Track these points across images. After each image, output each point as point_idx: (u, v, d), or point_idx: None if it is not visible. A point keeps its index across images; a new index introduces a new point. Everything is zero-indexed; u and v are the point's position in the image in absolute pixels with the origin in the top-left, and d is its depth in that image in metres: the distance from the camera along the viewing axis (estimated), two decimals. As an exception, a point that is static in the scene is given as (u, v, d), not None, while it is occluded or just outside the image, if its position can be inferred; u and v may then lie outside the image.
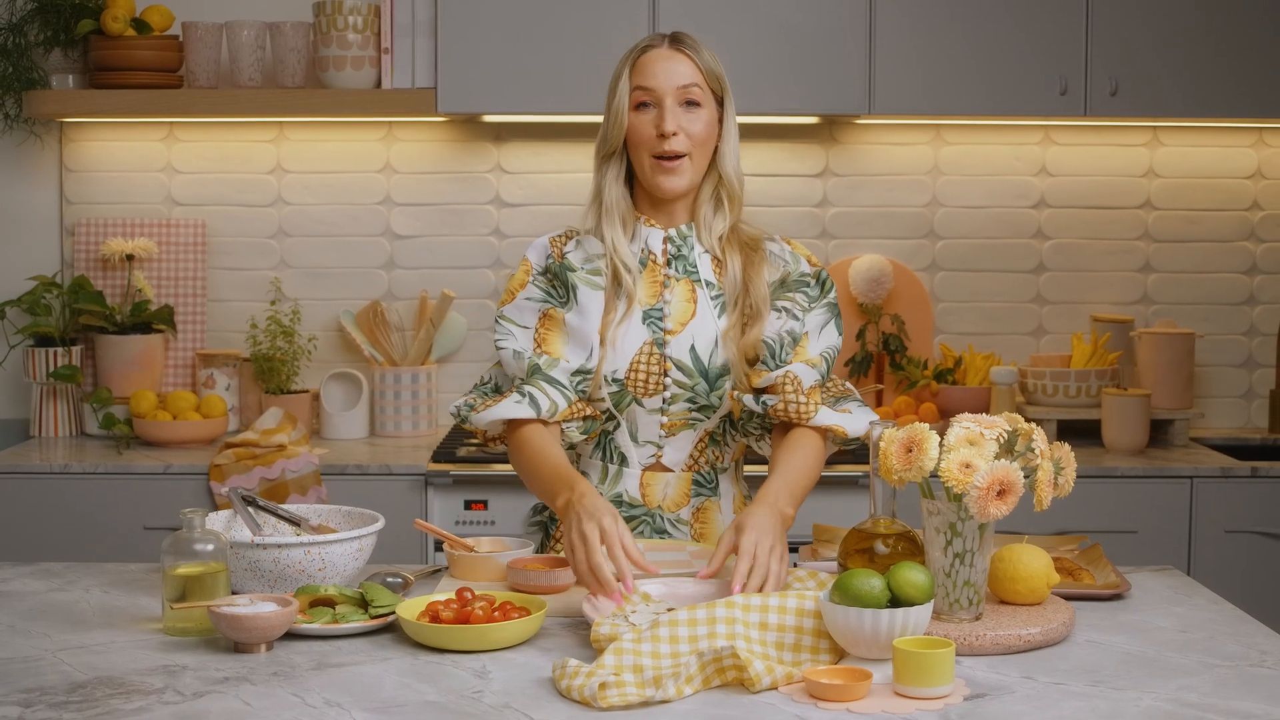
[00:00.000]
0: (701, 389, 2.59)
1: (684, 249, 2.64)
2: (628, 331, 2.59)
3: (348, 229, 4.44)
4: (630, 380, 2.58)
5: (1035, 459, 2.21)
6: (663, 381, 2.59)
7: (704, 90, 2.59)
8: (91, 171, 4.42)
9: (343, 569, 2.39)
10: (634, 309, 2.60)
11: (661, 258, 2.64)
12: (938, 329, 4.49)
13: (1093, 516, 3.84)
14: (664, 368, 2.59)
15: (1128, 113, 4.11)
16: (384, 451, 4.04)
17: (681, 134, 2.56)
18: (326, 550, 2.36)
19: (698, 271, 2.63)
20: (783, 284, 2.64)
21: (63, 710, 1.92)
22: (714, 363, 2.59)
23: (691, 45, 2.62)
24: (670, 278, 2.63)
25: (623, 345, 2.58)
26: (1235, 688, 2.02)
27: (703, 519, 2.68)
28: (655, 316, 2.61)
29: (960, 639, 2.14)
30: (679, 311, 2.61)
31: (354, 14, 4.09)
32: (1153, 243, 4.50)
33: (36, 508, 3.84)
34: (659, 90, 2.57)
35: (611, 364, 2.58)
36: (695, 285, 2.62)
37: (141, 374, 4.24)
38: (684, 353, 2.59)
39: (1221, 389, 4.53)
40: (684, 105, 2.57)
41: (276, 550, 2.34)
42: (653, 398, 2.60)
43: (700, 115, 2.58)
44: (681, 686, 1.96)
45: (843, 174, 4.46)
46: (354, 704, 1.94)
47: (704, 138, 2.59)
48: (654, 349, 2.59)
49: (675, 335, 2.59)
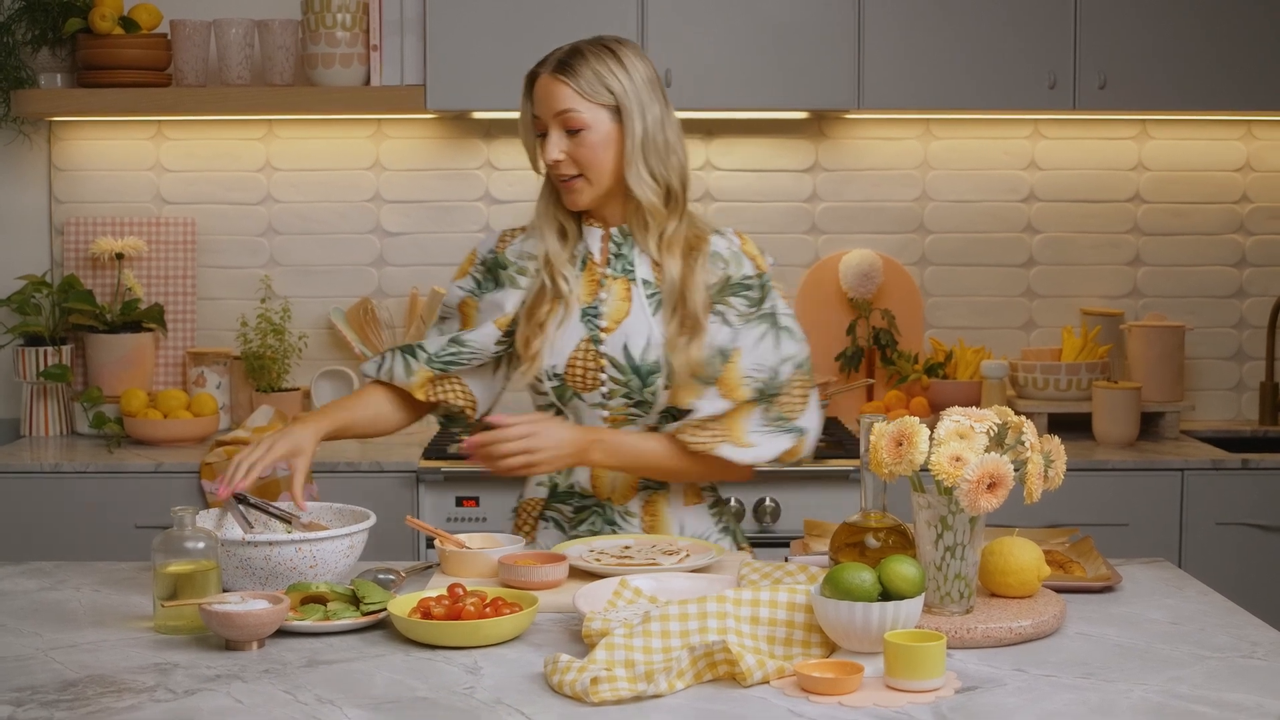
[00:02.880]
0: (635, 385, 2.64)
1: (624, 248, 2.69)
2: (566, 330, 2.66)
3: (337, 226, 4.44)
4: (569, 376, 2.66)
5: (1025, 452, 2.21)
6: (599, 378, 2.65)
7: (588, 109, 2.59)
8: (80, 170, 4.41)
9: (334, 566, 2.39)
10: (573, 310, 2.66)
11: (600, 256, 2.70)
12: (928, 323, 4.50)
13: (1084, 509, 3.85)
14: (599, 364, 2.65)
15: (1116, 106, 4.11)
16: (375, 449, 4.04)
17: (566, 158, 2.61)
18: (317, 548, 2.36)
19: (635, 271, 2.68)
20: (722, 287, 2.66)
21: (54, 709, 1.92)
22: (646, 360, 2.63)
23: (574, 67, 2.60)
24: (607, 276, 2.68)
25: (561, 344, 2.66)
26: (1226, 679, 2.03)
27: (651, 511, 2.73)
28: (592, 314, 2.67)
29: (951, 632, 2.14)
30: (613, 310, 2.66)
31: (342, 11, 4.08)
32: (1142, 236, 4.50)
33: (27, 507, 3.83)
34: (543, 117, 2.63)
35: (550, 360, 2.66)
36: (631, 284, 2.67)
37: (132, 373, 4.23)
38: (618, 350, 2.64)
39: (1212, 381, 4.54)
40: (567, 130, 2.61)
41: (268, 548, 2.34)
42: (591, 393, 2.66)
43: (585, 138, 2.60)
44: (673, 681, 1.96)
45: (832, 169, 4.46)
46: (346, 701, 1.94)
47: (591, 159, 2.61)
48: (590, 346, 2.65)
49: (610, 333, 2.65)
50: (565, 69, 2.61)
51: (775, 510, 3.80)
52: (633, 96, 2.61)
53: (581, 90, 2.59)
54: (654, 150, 2.63)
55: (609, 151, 2.61)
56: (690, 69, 4.03)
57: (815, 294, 4.44)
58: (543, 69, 2.64)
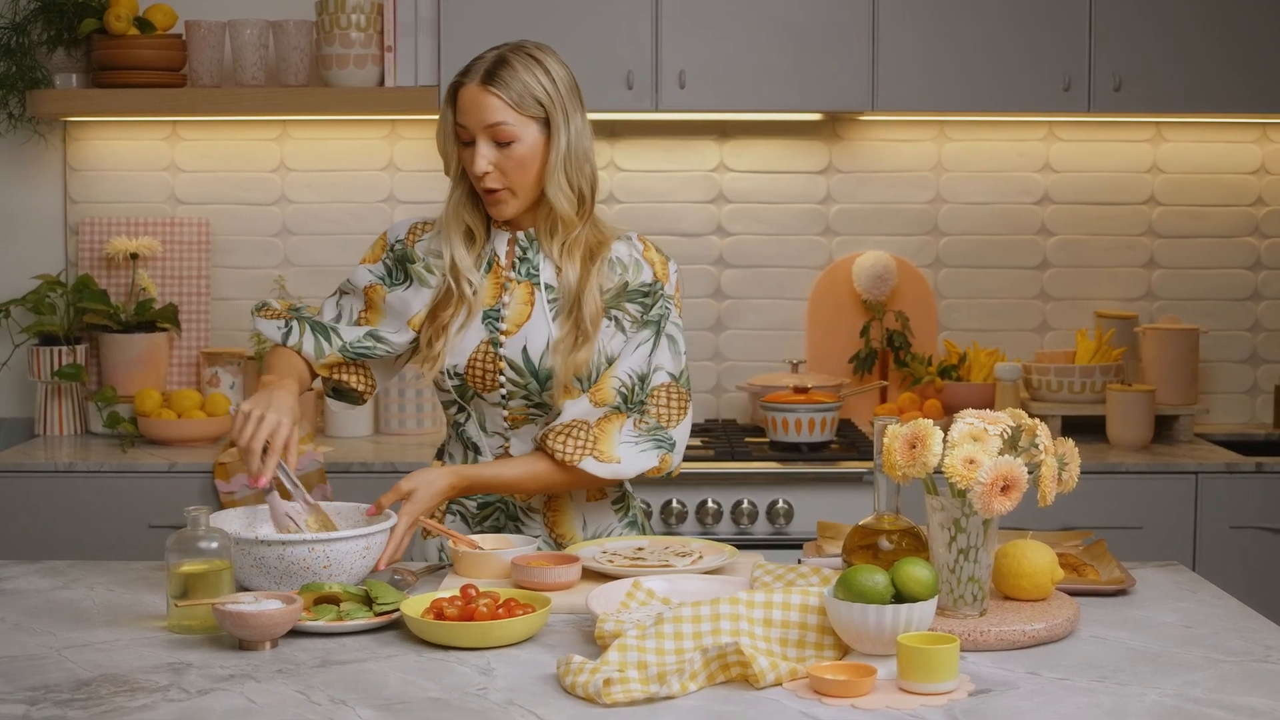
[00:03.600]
0: (534, 388, 2.67)
1: (530, 252, 2.70)
2: (467, 333, 2.68)
3: (351, 227, 4.45)
4: (469, 376, 2.68)
5: (1039, 454, 2.20)
6: (498, 379, 2.67)
7: (519, 122, 2.59)
8: (95, 170, 4.42)
9: (349, 568, 2.38)
10: (475, 313, 2.68)
11: (506, 260, 2.71)
12: (942, 325, 4.49)
13: (1097, 512, 3.84)
14: (498, 366, 2.67)
15: (1131, 108, 4.11)
16: (389, 449, 4.04)
17: (495, 171, 2.61)
18: (331, 548, 2.36)
19: (539, 275, 2.69)
20: (618, 293, 2.68)
21: (68, 708, 1.92)
22: (544, 364, 2.65)
23: (504, 78, 2.59)
24: (511, 280, 2.70)
25: (461, 345, 2.68)
26: (1240, 683, 2.02)
27: (555, 507, 2.75)
28: (493, 317, 2.69)
29: (964, 635, 2.14)
30: (515, 314, 2.68)
31: (357, 12, 4.09)
32: (1157, 238, 4.49)
33: (41, 506, 3.84)
34: (470, 129, 2.62)
35: (452, 359, 2.68)
36: (535, 288, 2.68)
37: (146, 372, 4.24)
38: (517, 353, 2.66)
39: (1226, 385, 4.53)
40: (496, 142, 2.60)
41: (281, 547, 2.34)
42: (491, 393, 2.68)
43: (514, 151, 2.60)
44: (686, 683, 1.96)
45: (846, 171, 4.45)
46: (358, 701, 1.95)
47: (520, 170, 2.61)
48: (489, 348, 2.67)
49: (510, 336, 2.67)
50: (495, 80, 2.59)
51: (789, 512, 3.80)
52: (559, 108, 2.62)
53: (512, 103, 2.58)
54: (573, 160, 2.64)
55: (535, 163, 2.62)
56: (704, 71, 4.03)
57: (829, 296, 4.44)
58: (469, 79, 2.61)
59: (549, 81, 2.61)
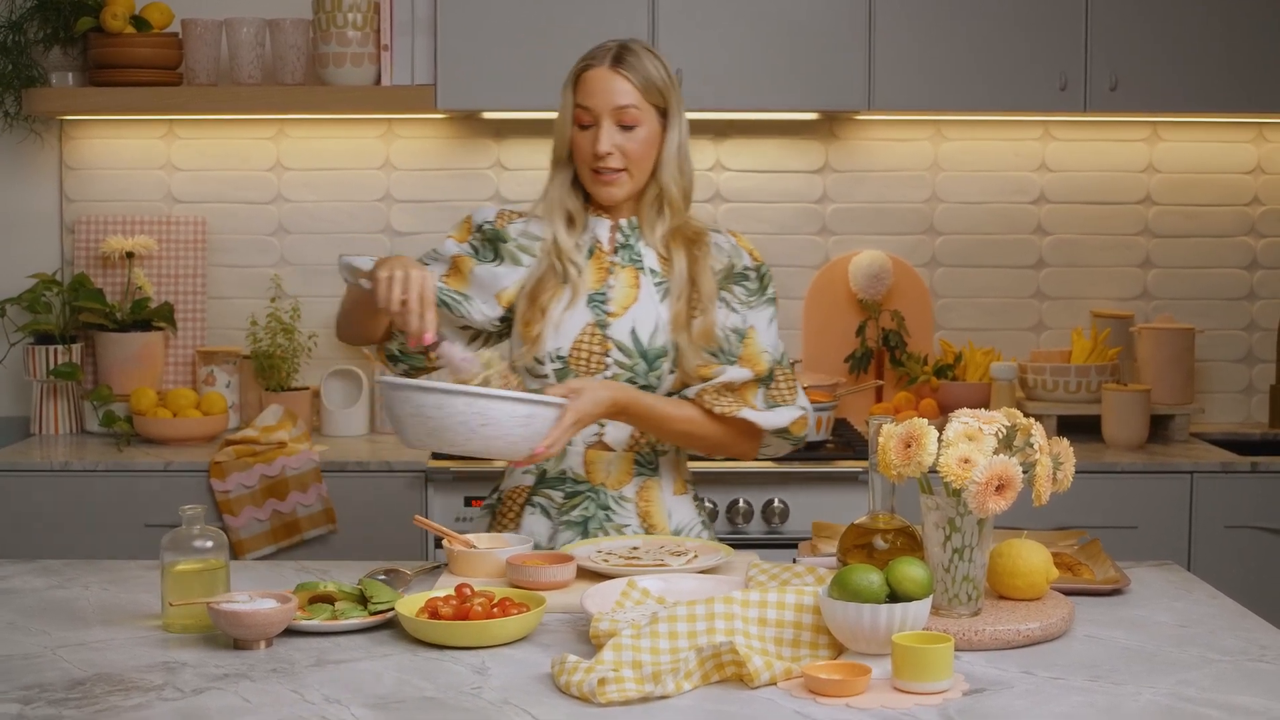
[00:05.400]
0: (641, 369, 2.70)
1: (631, 239, 2.77)
2: (572, 315, 2.71)
3: (348, 226, 4.44)
4: (573, 359, 2.70)
5: (1034, 454, 2.21)
6: (604, 361, 2.70)
7: (643, 108, 2.69)
8: (91, 169, 4.42)
9: (507, 433, 2.32)
10: (579, 297, 2.72)
11: (608, 245, 2.76)
12: (937, 325, 4.49)
13: (1093, 512, 3.84)
14: (605, 348, 2.70)
15: (1127, 108, 4.11)
16: (384, 448, 4.04)
17: (616, 152, 2.69)
18: (492, 406, 2.31)
19: (643, 261, 2.75)
20: (727, 275, 2.76)
21: (62, 707, 1.92)
22: (653, 345, 2.70)
23: (631, 64, 2.69)
24: (615, 264, 2.75)
25: (566, 327, 2.71)
26: (1234, 682, 2.02)
27: (646, 497, 2.76)
28: (599, 300, 2.73)
29: (959, 634, 2.14)
30: (621, 296, 2.73)
31: (353, 11, 4.08)
32: (1153, 238, 4.49)
33: (37, 505, 3.84)
34: (596, 110, 2.69)
35: (555, 343, 2.70)
36: (639, 272, 2.75)
37: (142, 371, 4.24)
38: (625, 335, 2.70)
39: (1222, 384, 4.53)
40: (621, 125, 2.68)
41: (441, 396, 2.30)
42: (595, 376, 2.69)
43: (637, 134, 2.69)
44: (680, 682, 1.96)
45: (842, 170, 4.46)
46: (353, 700, 1.95)
47: (640, 154, 2.71)
48: (596, 330, 2.71)
49: (617, 318, 2.71)
50: (624, 64, 2.69)
51: (784, 512, 3.80)
52: (675, 100, 2.73)
53: (639, 86, 2.68)
54: (683, 152, 2.76)
55: (652, 150, 2.72)
56: (701, 70, 4.03)
57: (825, 295, 4.44)
58: (597, 62, 2.70)
59: (666, 74, 2.72)
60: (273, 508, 3.83)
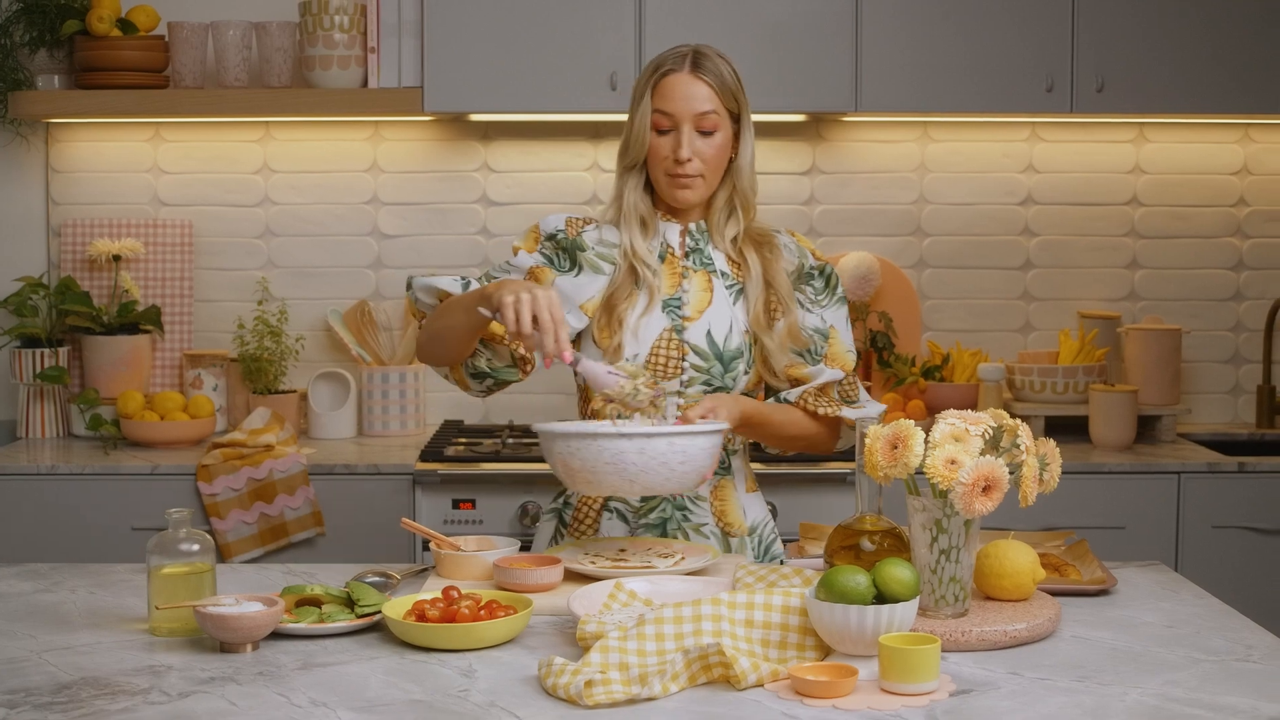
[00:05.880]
0: (717, 371, 2.72)
1: (701, 243, 2.79)
2: (649, 320, 2.71)
3: (335, 229, 4.44)
4: (650, 364, 2.71)
5: (1020, 455, 2.21)
6: (680, 365, 2.71)
7: (720, 113, 2.72)
8: (78, 172, 4.41)
9: (699, 466, 2.36)
10: (655, 302, 2.72)
11: (680, 250, 2.78)
12: (925, 326, 4.49)
13: (1080, 512, 3.85)
14: (682, 352, 2.72)
15: (1114, 109, 4.12)
16: (372, 451, 4.04)
17: (696, 158, 2.70)
18: (690, 443, 2.34)
19: (714, 264, 2.77)
20: (798, 275, 2.80)
21: (48, 711, 1.91)
22: (729, 347, 2.72)
23: (709, 68, 2.72)
24: (688, 269, 2.76)
25: (644, 333, 2.71)
26: (1221, 682, 2.03)
27: (721, 496, 2.77)
28: (674, 305, 2.74)
29: (946, 635, 2.14)
30: (696, 300, 2.74)
31: (340, 14, 4.08)
32: (1139, 239, 4.50)
33: (23, 509, 3.83)
34: (677, 116, 2.70)
35: (632, 349, 2.70)
36: (711, 276, 2.76)
37: (128, 374, 4.23)
38: (701, 338, 2.72)
39: (1208, 385, 4.54)
40: (700, 130, 2.70)
41: (644, 440, 2.31)
42: (671, 380, 2.70)
43: (715, 139, 2.72)
44: (667, 684, 1.96)
45: (830, 171, 4.46)
46: (340, 703, 1.94)
47: (716, 159, 2.73)
48: (673, 335, 2.72)
49: (693, 322, 2.73)
50: (702, 69, 2.71)
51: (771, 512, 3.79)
52: (745, 103, 2.77)
53: (718, 91, 2.72)
54: (751, 155, 2.79)
55: (725, 156, 2.75)
56: (687, 71, 4.02)
57: (812, 297, 4.44)
58: (677, 67, 2.71)
59: (737, 78, 2.76)
60: (260, 511, 3.83)
